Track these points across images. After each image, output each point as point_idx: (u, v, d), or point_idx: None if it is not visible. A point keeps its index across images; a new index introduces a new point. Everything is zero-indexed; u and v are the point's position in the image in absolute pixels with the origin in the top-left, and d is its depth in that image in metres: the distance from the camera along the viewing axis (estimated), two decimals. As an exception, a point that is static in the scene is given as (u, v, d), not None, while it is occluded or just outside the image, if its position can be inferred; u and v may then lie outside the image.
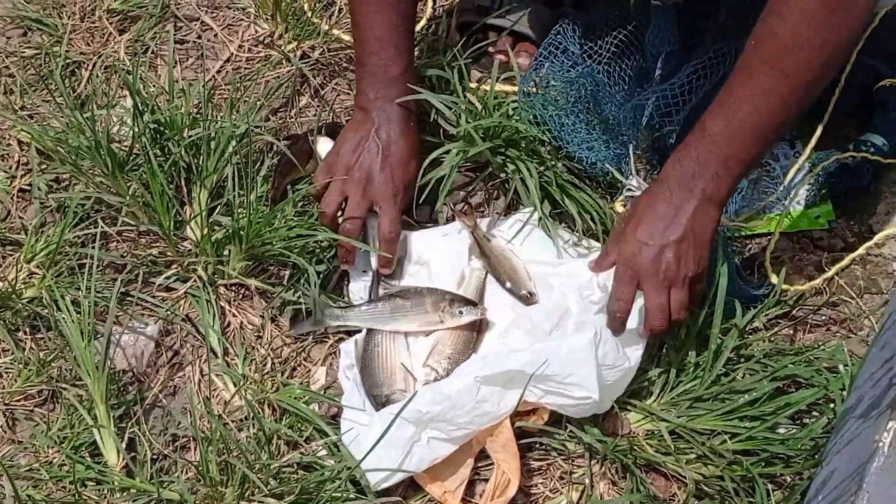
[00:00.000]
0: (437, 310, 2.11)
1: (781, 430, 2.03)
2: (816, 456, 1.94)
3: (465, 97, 2.28)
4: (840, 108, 2.30)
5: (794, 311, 2.21)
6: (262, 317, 2.18)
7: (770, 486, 1.97)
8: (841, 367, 2.07)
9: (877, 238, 2.22)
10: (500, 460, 1.96)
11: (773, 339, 2.15)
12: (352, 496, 1.93)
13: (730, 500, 1.98)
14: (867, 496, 1.51)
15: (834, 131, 2.35)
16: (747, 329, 2.12)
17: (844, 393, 1.99)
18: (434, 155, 2.22)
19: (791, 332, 2.19)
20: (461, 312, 2.10)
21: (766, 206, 2.28)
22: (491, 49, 2.46)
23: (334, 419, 2.04)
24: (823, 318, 2.22)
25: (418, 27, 2.51)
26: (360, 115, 2.16)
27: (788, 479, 2.01)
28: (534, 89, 2.27)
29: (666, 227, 1.94)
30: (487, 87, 2.30)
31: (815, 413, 2.07)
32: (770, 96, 1.84)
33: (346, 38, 2.50)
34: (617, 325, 1.99)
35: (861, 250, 2.21)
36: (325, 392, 2.11)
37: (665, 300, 1.95)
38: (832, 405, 2.02)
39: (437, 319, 2.11)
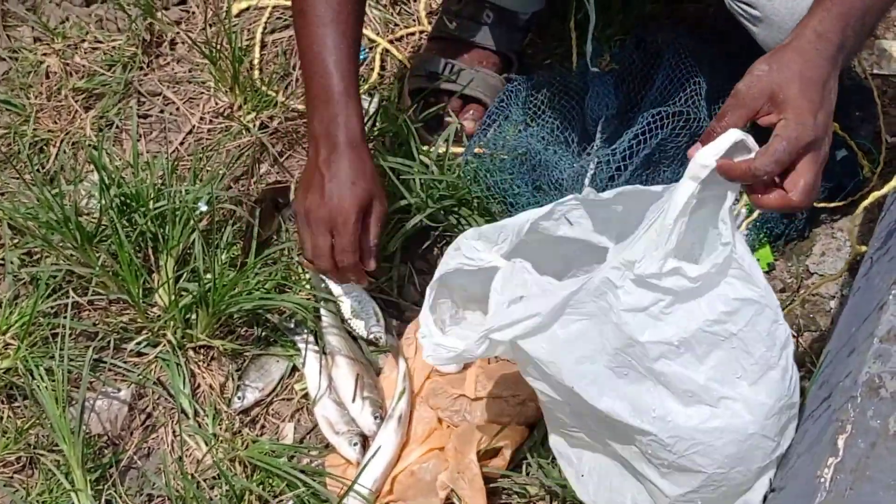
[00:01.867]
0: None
1: (731, 467, 2.11)
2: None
3: (419, 160, 2.38)
4: (774, 157, 2.41)
5: (739, 352, 2.29)
6: (230, 377, 2.26)
7: (722, 521, 2.05)
8: (784, 405, 2.15)
9: (814, 287, 2.31)
10: (465, 498, 2.03)
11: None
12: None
13: (687, 536, 2.06)
14: None
15: (770, 179, 2.47)
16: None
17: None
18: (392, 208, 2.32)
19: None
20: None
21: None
22: (443, 112, 2.55)
23: (303, 473, 2.12)
24: (767, 357, 2.30)
25: (366, 87, 2.62)
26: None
27: (740, 513, 2.09)
28: (480, 151, 2.37)
29: (828, 90, 1.69)
30: (441, 150, 2.41)
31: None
32: None
33: (301, 107, 2.60)
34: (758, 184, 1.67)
35: (798, 301, 2.30)
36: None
37: (816, 184, 1.68)
38: (778, 440, 2.10)
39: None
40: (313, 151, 2.09)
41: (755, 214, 2.36)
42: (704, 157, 1.64)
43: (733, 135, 1.64)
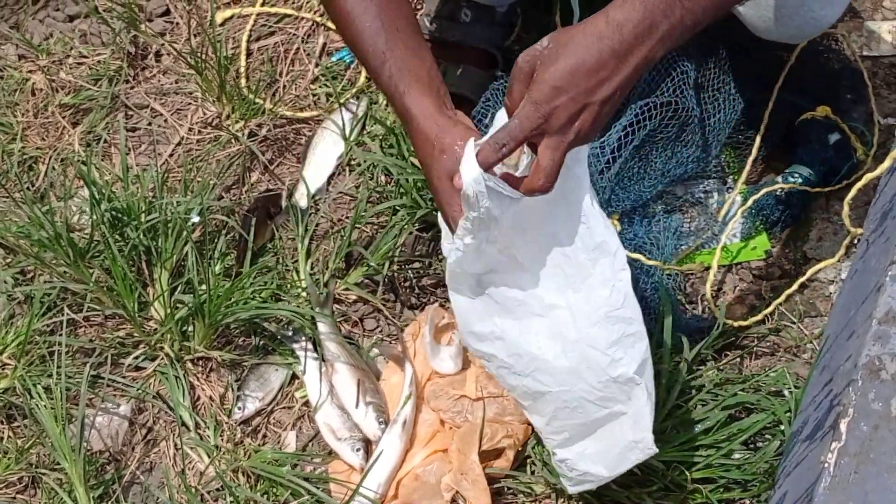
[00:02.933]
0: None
1: (736, 456, 2.10)
2: (771, 479, 2.02)
3: (409, 161, 2.37)
4: (766, 143, 2.41)
5: (739, 341, 2.29)
6: (230, 387, 2.25)
7: (729, 511, 2.05)
8: (786, 392, 2.15)
9: (811, 272, 2.30)
10: (470, 498, 2.03)
11: (721, 368, 2.23)
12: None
13: (692, 527, 2.06)
14: None
15: (763, 166, 2.46)
16: (696, 361, 2.19)
17: (791, 416, 2.08)
18: (381, 208, 2.34)
19: (739, 360, 2.26)
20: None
21: (703, 242, 2.38)
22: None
23: (307, 480, 2.12)
24: (768, 344, 2.30)
25: (354, 91, 2.63)
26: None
27: (747, 503, 2.09)
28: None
29: (598, 80, 1.61)
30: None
31: (767, 437, 2.14)
32: None
33: (289, 113, 2.60)
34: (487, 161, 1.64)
35: (796, 286, 2.30)
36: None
37: (561, 163, 1.65)
38: (782, 427, 2.10)
39: None
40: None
41: (749, 202, 2.35)
42: (469, 149, 1.64)
43: (471, 147, 1.63)
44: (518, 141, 1.62)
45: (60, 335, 2.21)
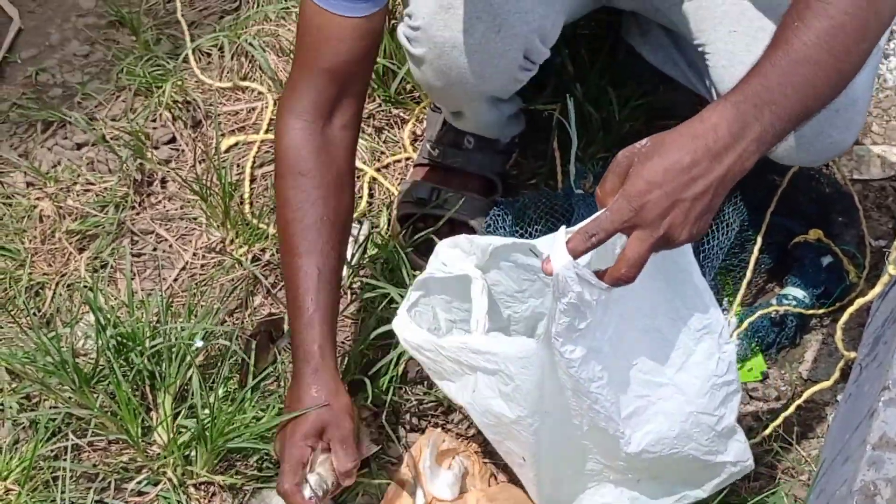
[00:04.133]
0: None
1: (737, 580, 2.11)
2: None
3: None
4: (760, 266, 2.46)
5: (737, 463, 2.30)
6: (232, 512, 2.26)
7: None
8: (784, 515, 2.17)
9: (807, 394, 2.32)
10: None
11: (720, 491, 2.23)
12: None
13: None
14: None
15: (757, 288, 2.51)
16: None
17: (790, 540, 2.09)
18: (382, 331, 2.36)
19: (738, 483, 2.27)
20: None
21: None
22: (433, 237, 2.58)
23: None
24: (766, 466, 2.31)
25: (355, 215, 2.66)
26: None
27: None
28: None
29: (691, 177, 1.66)
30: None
31: (770, 561, 2.15)
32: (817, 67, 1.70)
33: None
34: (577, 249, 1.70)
35: (792, 409, 2.32)
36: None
37: (647, 256, 1.69)
38: (782, 551, 2.11)
39: None
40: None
41: (745, 324, 2.39)
42: (559, 237, 1.72)
43: (561, 235, 1.71)
44: (608, 232, 1.67)
45: (64, 460, 2.23)
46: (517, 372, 1.87)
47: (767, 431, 2.31)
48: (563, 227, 1.72)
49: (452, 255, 2.04)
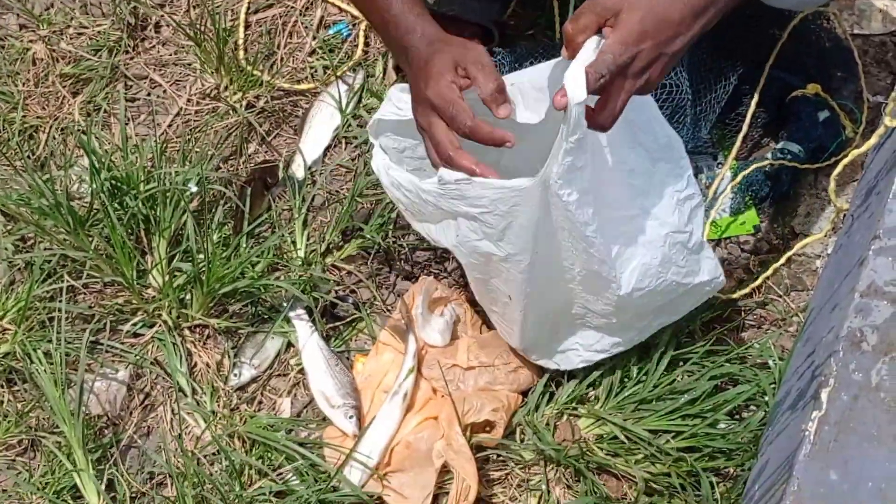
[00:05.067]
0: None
1: (721, 426, 2.14)
2: (754, 448, 2.07)
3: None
4: (757, 120, 2.45)
5: (727, 314, 2.33)
6: (226, 355, 2.29)
7: (714, 479, 2.08)
8: (771, 363, 2.19)
9: (798, 246, 2.34)
10: (456, 467, 2.07)
11: (709, 339, 2.25)
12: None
13: (677, 495, 2.09)
14: (797, 482, 1.59)
15: (753, 142, 2.50)
16: (684, 333, 2.23)
17: (775, 387, 2.12)
18: (372, 178, 2.35)
19: (726, 333, 2.30)
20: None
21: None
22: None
23: (302, 445, 2.16)
24: (755, 317, 2.34)
25: (350, 64, 2.66)
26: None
27: (731, 471, 2.13)
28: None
29: (676, 33, 1.72)
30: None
31: (752, 408, 2.18)
32: None
33: (287, 86, 2.63)
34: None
35: (783, 261, 2.33)
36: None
37: (624, 105, 1.74)
38: (766, 398, 2.14)
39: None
40: (407, 72, 1.97)
41: (739, 178, 2.39)
42: (577, 73, 1.69)
43: (593, 43, 1.70)
44: (612, 75, 1.69)
45: (60, 301, 2.25)
46: (508, 211, 1.85)
47: (758, 283, 2.33)
48: (577, 61, 1.69)
49: (403, 99, 1.97)
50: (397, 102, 1.98)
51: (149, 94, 2.67)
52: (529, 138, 1.84)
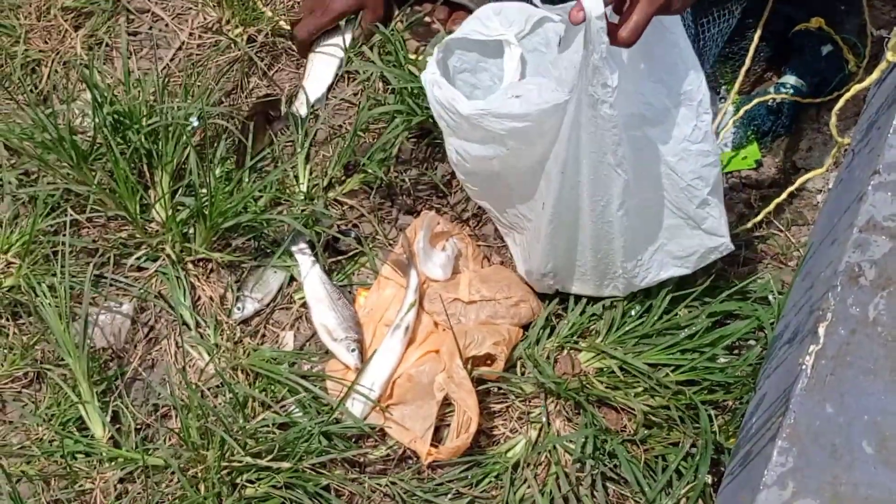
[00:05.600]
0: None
1: (721, 360, 2.16)
2: (753, 381, 2.08)
3: (405, 69, 2.40)
4: (759, 54, 2.44)
5: (728, 248, 2.34)
6: (229, 288, 2.31)
7: (713, 412, 2.10)
8: (771, 298, 2.20)
9: (800, 181, 2.34)
10: (457, 399, 2.09)
11: (709, 274, 2.26)
12: (324, 447, 2.07)
13: (676, 427, 2.11)
14: (794, 415, 1.61)
15: (755, 77, 2.49)
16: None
17: (774, 322, 2.13)
18: (377, 112, 2.39)
19: (727, 267, 2.31)
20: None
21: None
22: (428, 18, 2.56)
23: (304, 378, 2.18)
24: (756, 252, 2.35)
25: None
26: None
27: (729, 404, 2.14)
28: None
29: None
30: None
31: (751, 342, 2.20)
32: None
33: (286, 26, 2.62)
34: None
35: (784, 195, 2.33)
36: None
37: (649, 21, 1.75)
38: (765, 333, 2.15)
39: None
40: None
41: (741, 112, 2.39)
42: (597, 8, 1.69)
43: None
44: None
45: (64, 235, 2.26)
46: (546, 129, 1.90)
47: (759, 218, 2.34)
48: None
49: (493, 20, 2.02)
50: (486, 21, 2.01)
51: (150, 28, 2.66)
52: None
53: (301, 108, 2.49)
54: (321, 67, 2.57)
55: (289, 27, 2.59)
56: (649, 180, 1.98)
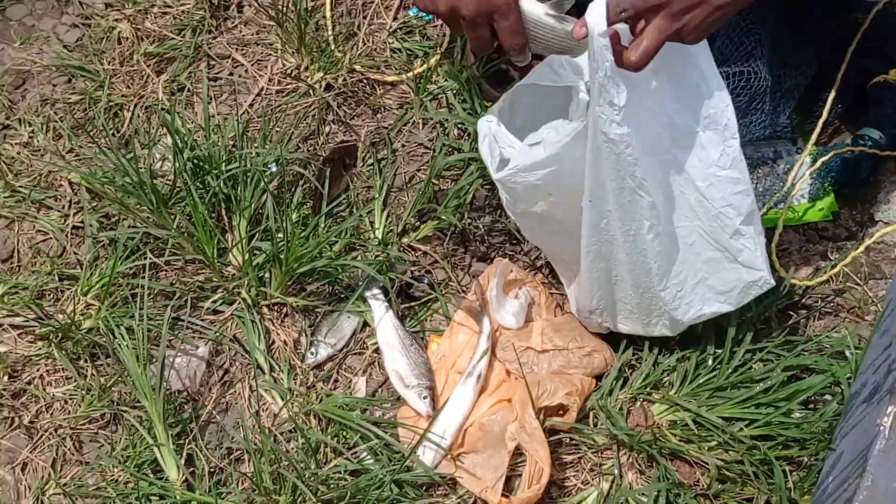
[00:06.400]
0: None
1: (796, 415, 2.13)
2: (828, 438, 2.06)
3: (479, 116, 2.41)
4: (837, 106, 2.42)
5: (803, 301, 2.32)
6: (303, 333, 2.32)
7: (787, 468, 2.08)
8: (847, 353, 2.18)
9: (878, 234, 2.32)
10: (529, 450, 2.09)
11: (785, 327, 2.25)
12: (395, 496, 2.07)
13: (750, 483, 2.09)
14: (871, 477, 1.60)
15: (833, 128, 2.48)
16: (760, 320, 2.23)
17: (851, 378, 2.10)
18: (453, 159, 2.40)
19: (803, 320, 2.29)
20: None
21: (773, 203, 2.40)
22: (504, 66, 2.57)
23: (376, 425, 2.19)
24: (832, 305, 2.32)
25: (429, 43, 2.66)
26: None
27: (805, 461, 2.12)
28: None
29: None
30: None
31: (827, 397, 2.17)
32: None
33: (360, 69, 2.64)
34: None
35: (862, 248, 2.31)
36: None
37: (659, 47, 1.73)
38: (841, 388, 2.13)
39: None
40: None
41: (818, 163, 2.37)
42: (599, 3, 1.69)
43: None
44: (637, 10, 1.69)
45: (143, 278, 2.30)
46: (571, 153, 1.90)
47: (835, 270, 2.32)
48: None
49: (566, 68, 2.01)
50: (557, 69, 2.01)
51: (231, 74, 2.70)
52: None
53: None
54: None
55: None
56: (683, 206, 1.97)
